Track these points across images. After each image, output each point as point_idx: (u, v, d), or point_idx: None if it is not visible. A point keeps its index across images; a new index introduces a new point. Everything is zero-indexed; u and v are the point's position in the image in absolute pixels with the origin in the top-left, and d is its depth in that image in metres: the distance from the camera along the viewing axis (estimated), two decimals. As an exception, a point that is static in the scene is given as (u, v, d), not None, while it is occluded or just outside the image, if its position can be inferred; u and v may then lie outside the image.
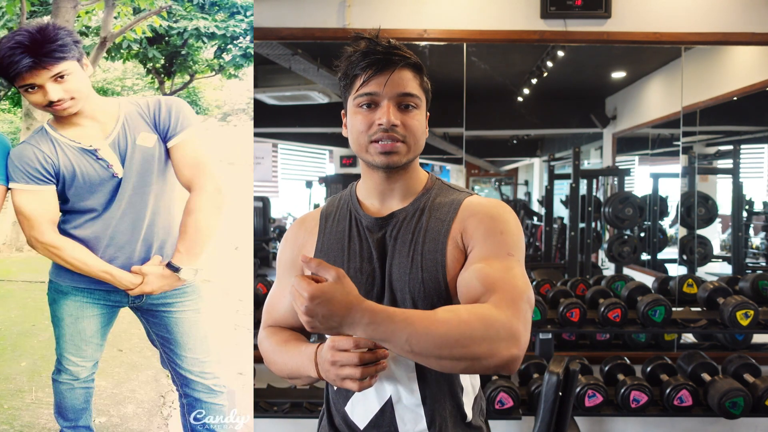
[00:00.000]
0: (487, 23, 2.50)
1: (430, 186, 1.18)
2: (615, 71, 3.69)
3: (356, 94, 1.10)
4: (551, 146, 4.87)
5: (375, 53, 1.08)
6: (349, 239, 1.17)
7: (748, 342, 2.69)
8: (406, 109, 1.10)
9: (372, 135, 1.09)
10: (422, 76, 1.14)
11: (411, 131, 1.10)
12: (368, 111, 1.10)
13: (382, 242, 1.14)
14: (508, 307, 0.95)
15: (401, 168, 1.13)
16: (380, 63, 1.08)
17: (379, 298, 1.13)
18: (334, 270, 0.93)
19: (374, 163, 1.11)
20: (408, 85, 1.10)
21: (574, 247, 3.65)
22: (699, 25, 2.50)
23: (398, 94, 1.09)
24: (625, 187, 3.80)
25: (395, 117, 1.08)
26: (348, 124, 1.15)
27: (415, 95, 1.11)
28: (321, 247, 1.19)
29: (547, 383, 1.68)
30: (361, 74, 1.09)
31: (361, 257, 1.14)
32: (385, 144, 1.08)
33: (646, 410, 2.18)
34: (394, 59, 1.08)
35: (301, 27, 2.50)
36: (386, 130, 1.08)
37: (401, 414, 1.12)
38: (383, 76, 1.08)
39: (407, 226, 1.13)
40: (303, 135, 5.09)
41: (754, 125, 3.69)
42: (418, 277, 1.09)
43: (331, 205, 1.25)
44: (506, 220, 1.10)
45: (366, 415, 1.14)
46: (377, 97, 1.09)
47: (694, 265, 3.38)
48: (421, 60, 1.16)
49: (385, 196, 1.16)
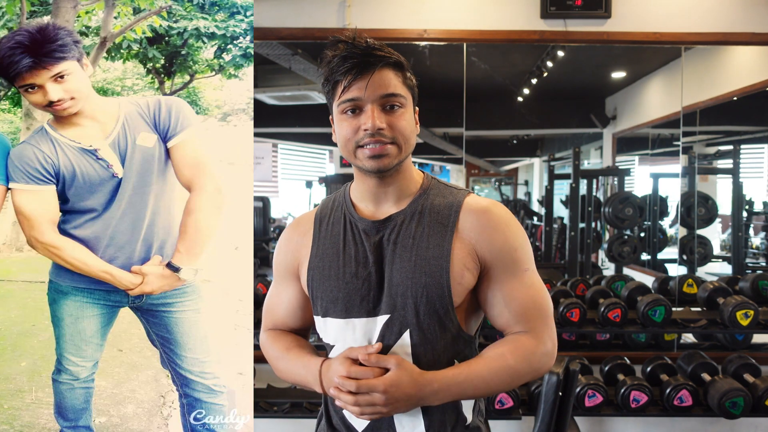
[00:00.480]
0: (487, 23, 2.50)
1: (426, 186, 1.16)
2: (615, 71, 3.69)
3: (339, 100, 1.08)
4: (551, 146, 4.87)
5: (353, 56, 1.06)
6: (344, 243, 1.15)
7: (748, 342, 2.69)
8: (392, 110, 1.08)
9: (359, 140, 1.07)
10: (405, 72, 1.11)
11: (399, 131, 1.08)
12: (353, 116, 1.08)
13: (379, 246, 1.13)
14: (543, 331, 1.11)
15: (393, 170, 1.11)
16: (359, 66, 1.05)
17: (375, 302, 1.11)
18: (393, 358, 1.05)
19: (365, 168, 1.10)
20: (390, 85, 1.07)
21: (574, 247, 3.65)
22: (699, 25, 2.50)
23: (381, 96, 1.07)
24: (625, 187, 3.80)
25: (380, 120, 1.06)
26: (335, 131, 1.14)
27: (398, 95, 1.08)
28: (316, 252, 1.18)
29: (547, 383, 1.68)
30: (341, 80, 1.07)
31: (357, 261, 1.13)
32: (373, 148, 1.07)
33: (646, 410, 2.18)
34: (372, 60, 1.06)
35: (301, 27, 2.50)
36: (372, 135, 1.06)
37: (400, 418, 1.11)
38: (363, 80, 1.06)
39: (407, 229, 1.12)
40: (303, 135, 5.09)
41: (754, 125, 3.69)
42: (421, 281, 1.08)
43: (325, 207, 1.23)
44: (515, 234, 1.12)
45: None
46: (360, 102, 1.07)
47: (694, 265, 3.38)
48: (421, 60, 1.15)
49: (380, 199, 1.15)
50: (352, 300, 1.11)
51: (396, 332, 1.09)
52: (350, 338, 1.12)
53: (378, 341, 1.10)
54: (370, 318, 1.11)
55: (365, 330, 1.11)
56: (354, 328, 1.12)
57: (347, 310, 1.12)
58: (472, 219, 1.11)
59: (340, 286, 1.12)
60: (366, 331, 1.11)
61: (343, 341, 1.13)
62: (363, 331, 1.11)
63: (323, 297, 1.15)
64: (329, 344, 1.17)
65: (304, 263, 1.20)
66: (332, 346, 1.16)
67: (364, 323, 1.11)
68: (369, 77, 1.05)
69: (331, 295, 1.13)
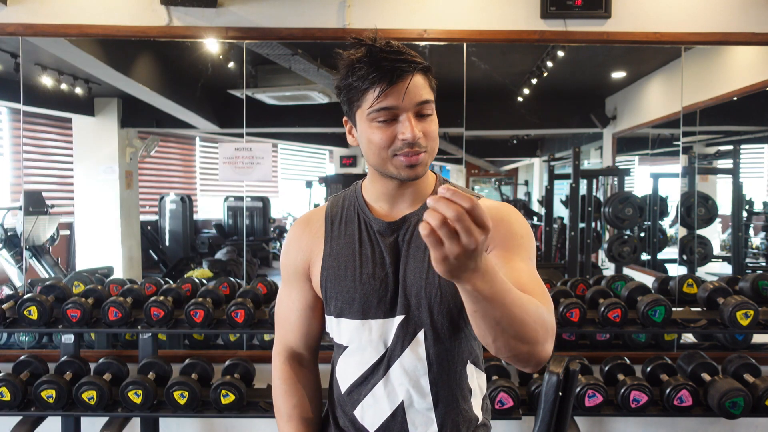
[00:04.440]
0: (487, 23, 2.50)
1: (439, 187, 1.17)
2: (615, 71, 3.69)
3: (371, 108, 1.03)
4: (551, 146, 4.87)
5: (383, 61, 1.01)
6: (360, 244, 1.14)
7: (748, 342, 2.69)
8: (424, 118, 1.06)
9: (395, 149, 1.04)
10: (431, 76, 1.09)
11: (432, 138, 1.07)
12: (387, 125, 1.04)
13: (395, 246, 1.12)
14: (548, 310, 0.98)
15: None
16: (393, 74, 1.01)
17: (392, 303, 1.11)
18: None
19: (399, 177, 1.07)
20: (423, 92, 1.05)
21: (574, 247, 3.65)
22: (699, 25, 2.50)
23: (416, 103, 1.04)
24: (625, 187, 3.81)
25: (418, 129, 1.03)
26: (361, 138, 1.09)
27: (431, 101, 1.07)
28: (330, 252, 1.16)
29: (547, 383, 1.67)
30: (372, 87, 1.02)
31: (374, 262, 1.12)
32: (410, 158, 1.04)
33: (646, 410, 2.17)
34: (405, 67, 1.02)
35: (301, 27, 2.49)
36: (411, 145, 1.03)
37: (413, 418, 1.11)
38: (399, 89, 1.01)
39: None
40: (303, 135, 5.09)
41: (754, 125, 3.70)
42: (435, 282, 1.08)
43: (335, 205, 1.22)
44: (521, 226, 1.11)
45: (376, 419, 1.13)
46: (396, 111, 1.03)
47: (694, 265, 3.38)
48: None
49: (396, 200, 1.14)
50: (370, 301, 1.11)
51: (411, 333, 1.09)
52: (366, 339, 1.12)
53: (394, 342, 1.10)
54: (387, 319, 1.11)
55: (382, 331, 1.11)
56: (370, 329, 1.11)
57: (364, 311, 1.11)
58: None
59: (357, 287, 1.12)
60: (382, 332, 1.11)
61: (358, 342, 1.13)
62: (379, 332, 1.11)
63: (338, 297, 1.14)
64: (342, 344, 1.16)
65: (316, 263, 1.18)
66: (345, 346, 1.15)
67: (381, 324, 1.11)
68: (405, 86, 1.02)
69: (347, 295, 1.12)
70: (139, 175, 4.35)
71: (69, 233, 4.10)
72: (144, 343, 2.36)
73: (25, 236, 3.42)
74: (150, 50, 3.39)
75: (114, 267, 3.67)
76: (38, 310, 2.25)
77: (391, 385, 1.11)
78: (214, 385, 2.19)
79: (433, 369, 1.10)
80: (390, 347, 1.10)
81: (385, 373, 1.11)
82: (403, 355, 1.10)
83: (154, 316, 2.24)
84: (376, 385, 1.12)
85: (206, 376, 2.32)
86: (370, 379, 1.13)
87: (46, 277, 3.54)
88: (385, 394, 1.11)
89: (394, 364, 1.10)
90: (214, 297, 2.36)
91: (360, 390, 1.14)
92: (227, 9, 2.48)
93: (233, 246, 4.97)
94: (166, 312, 2.25)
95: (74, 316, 2.25)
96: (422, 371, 1.10)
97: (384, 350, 1.11)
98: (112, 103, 4.01)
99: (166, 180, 5.16)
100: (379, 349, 1.11)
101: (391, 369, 1.11)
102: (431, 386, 1.11)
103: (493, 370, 2.29)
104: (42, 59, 3.20)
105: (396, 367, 1.10)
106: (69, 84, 3.50)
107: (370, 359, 1.12)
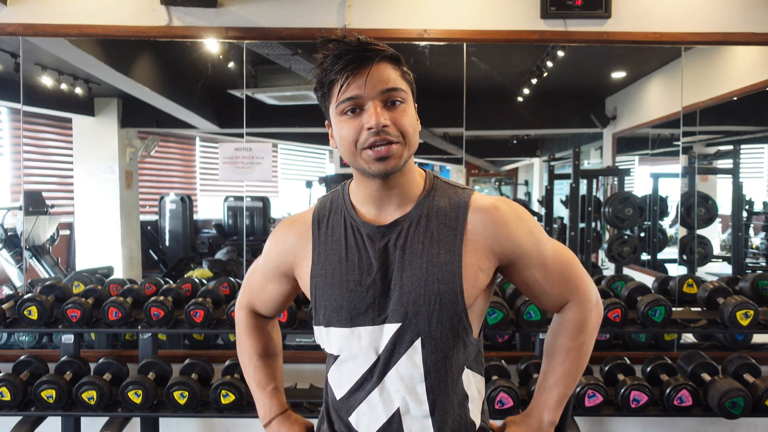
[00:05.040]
0: (487, 23, 2.50)
1: (429, 187, 1.12)
2: (615, 71, 3.69)
3: (337, 101, 1.02)
4: (551, 146, 4.87)
5: (347, 53, 0.99)
6: (347, 249, 1.10)
7: (748, 342, 2.69)
8: (394, 106, 1.02)
9: (363, 142, 1.01)
10: (402, 66, 1.05)
11: (403, 128, 1.02)
12: (353, 116, 1.01)
13: (384, 252, 1.08)
14: (582, 290, 1.17)
15: (398, 171, 1.05)
16: (355, 62, 0.99)
17: (381, 310, 1.08)
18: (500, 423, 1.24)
19: (370, 172, 1.03)
20: (390, 79, 1.01)
21: (574, 247, 3.65)
22: (699, 25, 2.50)
23: (381, 91, 1.00)
24: (625, 187, 3.81)
25: (384, 117, 1.00)
26: (335, 135, 1.07)
27: (399, 89, 1.02)
28: (318, 259, 1.13)
29: (547, 383, 1.67)
30: (337, 79, 1.00)
31: (360, 269, 1.08)
32: (379, 150, 1.00)
33: (646, 410, 2.17)
34: (368, 55, 1.00)
35: (301, 27, 2.49)
36: (377, 133, 0.99)
37: (409, 425, 1.09)
38: (362, 76, 0.99)
39: (414, 234, 1.07)
40: (303, 135, 5.09)
41: (754, 125, 3.70)
42: (434, 289, 1.05)
43: (323, 208, 1.17)
44: (527, 221, 1.12)
45: (372, 426, 1.10)
46: (360, 100, 1.00)
47: (694, 265, 3.38)
48: (421, 60, 1.13)
49: (383, 202, 1.09)
50: (357, 308, 1.08)
51: (408, 341, 1.06)
52: (356, 347, 1.09)
53: (387, 349, 1.07)
54: (376, 326, 1.08)
55: (371, 338, 1.08)
56: (360, 337, 1.08)
57: (352, 318, 1.08)
58: (482, 218, 1.08)
59: (344, 295, 1.09)
60: (372, 339, 1.08)
61: (348, 350, 1.10)
62: (369, 339, 1.08)
63: (327, 306, 1.11)
64: (332, 354, 1.14)
65: (302, 267, 1.16)
66: (337, 356, 1.13)
67: (370, 331, 1.08)
68: (367, 73, 0.99)
69: (335, 303, 1.10)
70: (139, 175, 4.35)
71: (69, 233, 4.11)
72: (144, 343, 2.36)
73: (25, 236, 3.42)
74: (150, 50, 3.39)
75: (114, 267, 3.67)
76: (38, 310, 2.26)
77: (386, 392, 1.08)
78: (214, 385, 2.19)
79: (430, 376, 1.07)
80: (382, 354, 1.08)
81: (380, 380, 1.08)
82: (399, 362, 1.07)
83: (154, 316, 2.24)
84: (372, 393, 1.09)
85: (206, 376, 2.32)
86: (364, 386, 1.10)
87: (46, 277, 3.54)
88: (380, 401, 1.09)
89: (389, 372, 1.08)
90: (214, 297, 2.36)
91: (355, 397, 1.12)
92: (227, 9, 2.48)
93: (233, 246, 4.97)
94: (166, 312, 2.25)
95: (74, 316, 2.25)
96: (419, 379, 1.08)
97: (375, 357, 1.08)
98: (112, 103, 4.02)
99: (166, 180, 5.16)
100: (371, 357, 1.09)
101: (387, 376, 1.08)
102: (428, 393, 1.08)
103: (493, 370, 2.28)
104: (42, 59, 3.20)
105: (392, 374, 1.08)
106: (69, 84, 3.50)
107: (362, 367, 1.10)
